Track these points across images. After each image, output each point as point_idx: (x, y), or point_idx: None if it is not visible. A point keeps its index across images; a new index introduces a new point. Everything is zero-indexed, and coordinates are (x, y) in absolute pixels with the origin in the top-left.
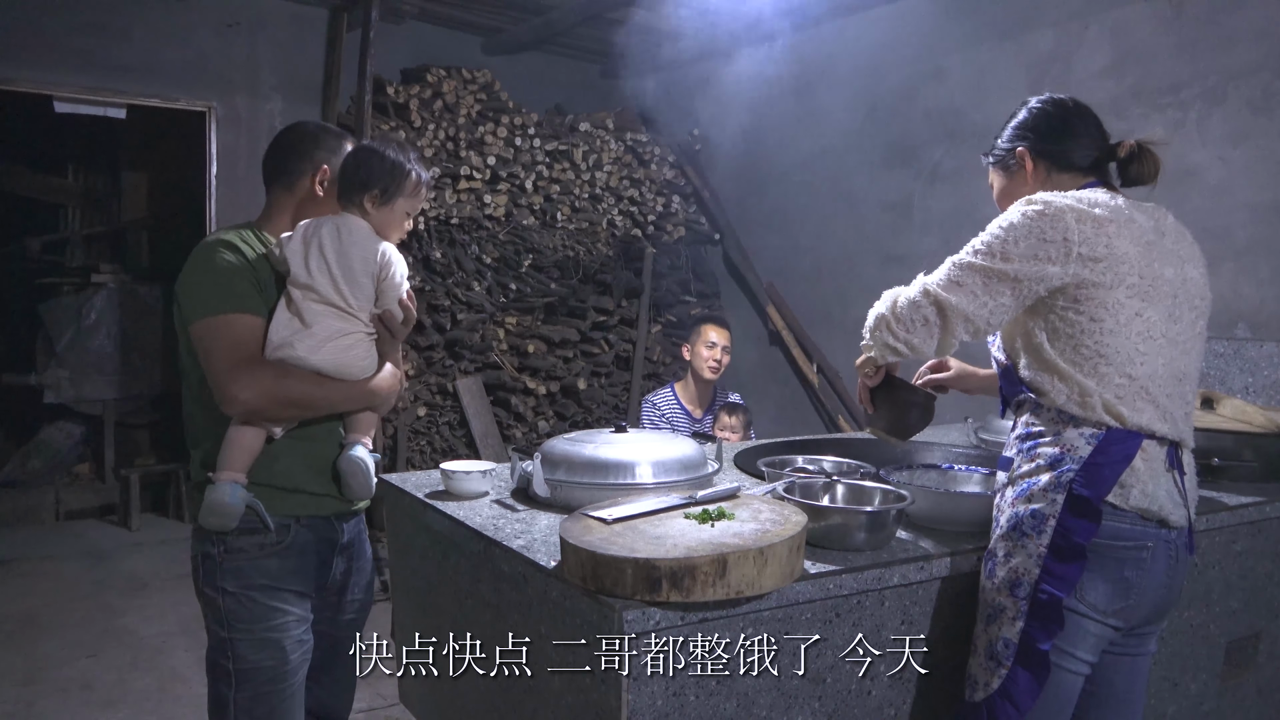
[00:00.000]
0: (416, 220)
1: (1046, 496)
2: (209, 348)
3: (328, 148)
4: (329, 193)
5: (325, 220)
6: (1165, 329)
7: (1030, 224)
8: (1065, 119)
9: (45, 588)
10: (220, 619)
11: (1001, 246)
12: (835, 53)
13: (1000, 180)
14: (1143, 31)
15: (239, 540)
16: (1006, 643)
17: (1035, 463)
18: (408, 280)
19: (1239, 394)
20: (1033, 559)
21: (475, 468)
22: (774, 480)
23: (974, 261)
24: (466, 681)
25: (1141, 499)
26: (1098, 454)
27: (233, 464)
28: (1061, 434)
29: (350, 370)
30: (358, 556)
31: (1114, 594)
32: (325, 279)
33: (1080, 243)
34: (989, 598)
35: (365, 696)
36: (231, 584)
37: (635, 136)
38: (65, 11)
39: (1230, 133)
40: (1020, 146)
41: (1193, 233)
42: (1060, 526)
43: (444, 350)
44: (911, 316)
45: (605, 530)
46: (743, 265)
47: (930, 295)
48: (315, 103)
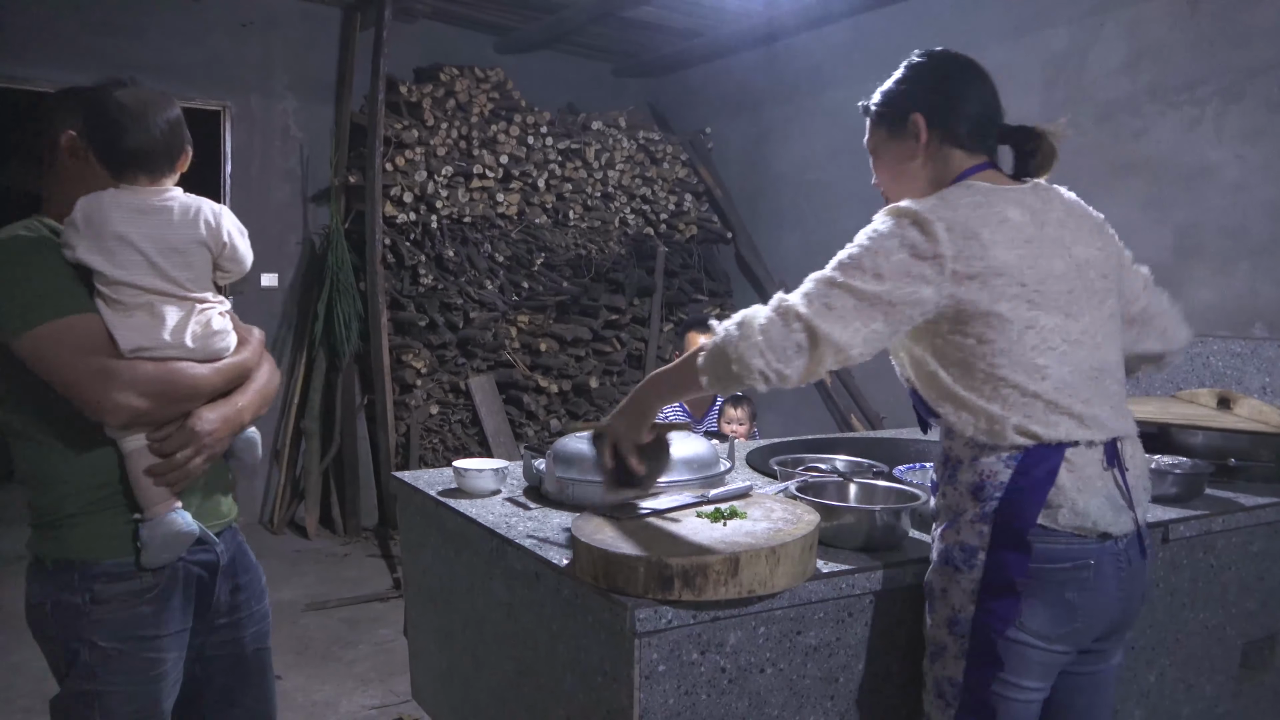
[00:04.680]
0: (429, 219)
1: (974, 528)
2: (57, 359)
3: (69, 107)
4: (87, 159)
5: (108, 203)
6: (1065, 331)
7: (902, 236)
8: (966, 86)
9: None
10: (85, 672)
11: (873, 261)
12: (848, 50)
13: (881, 139)
14: (1159, 29)
15: (111, 587)
16: (951, 681)
17: (959, 491)
18: None
19: (1256, 394)
20: (967, 594)
21: (487, 466)
22: (786, 479)
23: (844, 280)
24: (479, 679)
25: (1072, 517)
26: (1019, 477)
27: (157, 494)
28: (979, 460)
29: (215, 349)
30: (243, 571)
31: (1057, 619)
32: (142, 271)
33: (954, 258)
34: (931, 634)
35: (378, 693)
36: (103, 637)
37: (647, 135)
38: (80, 11)
39: (1247, 130)
40: (916, 112)
41: (1209, 231)
42: (990, 560)
43: (456, 349)
44: (783, 344)
45: (617, 529)
46: (755, 263)
47: (803, 320)
48: (329, 102)
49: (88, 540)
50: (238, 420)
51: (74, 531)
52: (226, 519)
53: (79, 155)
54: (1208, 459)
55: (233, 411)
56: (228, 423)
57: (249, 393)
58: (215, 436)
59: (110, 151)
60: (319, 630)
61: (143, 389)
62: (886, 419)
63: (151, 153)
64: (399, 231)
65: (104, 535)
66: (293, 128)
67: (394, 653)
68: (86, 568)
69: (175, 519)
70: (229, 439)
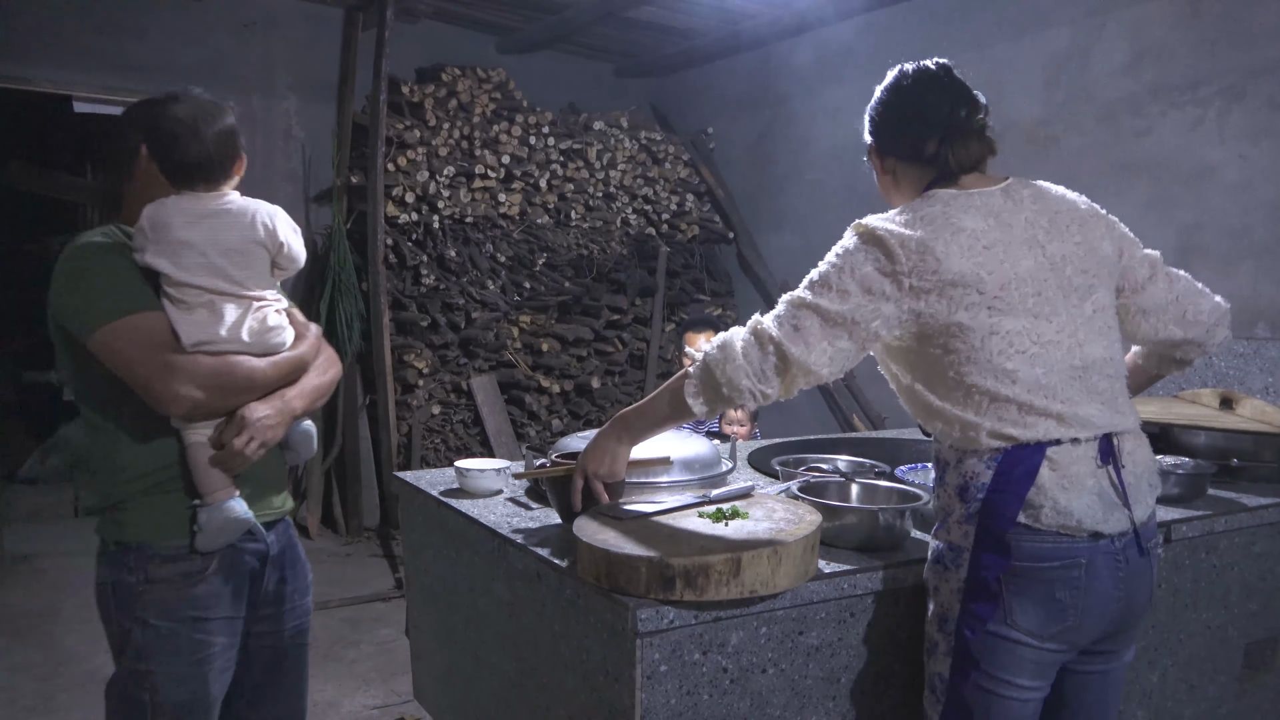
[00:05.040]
0: (430, 219)
1: (960, 529)
2: (125, 353)
3: (141, 121)
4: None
5: (171, 210)
6: (1035, 333)
7: (866, 252)
8: (900, 108)
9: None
10: (139, 651)
11: (838, 279)
12: (849, 50)
13: (873, 167)
14: (1161, 28)
15: (163, 569)
16: (941, 678)
17: (948, 493)
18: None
19: (1258, 394)
20: (954, 594)
21: (489, 466)
22: (788, 479)
23: (811, 300)
24: (480, 678)
25: (1055, 516)
26: (999, 479)
27: (216, 481)
28: (963, 462)
29: (271, 344)
30: (291, 564)
31: (1048, 618)
32: (205, 273)
33: (910, 273)
34: (926, 630)
35: (380, 693)
36: (154, 616)
37: (649, 135)
38: (83, 12)
39: (1250, 130)
40: (871, 143)
41: (1212, 231)
42: (974, 561)
43: (458, 349)
44: (762, 366)
45: (619, 529)
46: (756, 264)
47: (774, 343)
48: (330, 102)
49: (145, 523)
50: (288, 410)
51: (132, 515)
52: (279, 511)
53: (150, 165)
54: (1210, 459)
55: (281, 402)
56: (278, 412)
57: (299, 384)
58: (265, 424)
59: (169, 162)
60: (321, 630)
61: (202, 381)
62: (888, 419)
63: (206, 162)
64: (401, 231)
65: (160, 518)
66: (295, 128)
67: (396, 653)
68: (143, 549)
69: (232, 506)
70: (281, 428)
